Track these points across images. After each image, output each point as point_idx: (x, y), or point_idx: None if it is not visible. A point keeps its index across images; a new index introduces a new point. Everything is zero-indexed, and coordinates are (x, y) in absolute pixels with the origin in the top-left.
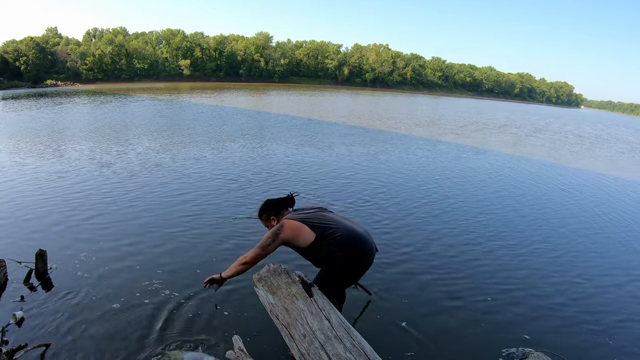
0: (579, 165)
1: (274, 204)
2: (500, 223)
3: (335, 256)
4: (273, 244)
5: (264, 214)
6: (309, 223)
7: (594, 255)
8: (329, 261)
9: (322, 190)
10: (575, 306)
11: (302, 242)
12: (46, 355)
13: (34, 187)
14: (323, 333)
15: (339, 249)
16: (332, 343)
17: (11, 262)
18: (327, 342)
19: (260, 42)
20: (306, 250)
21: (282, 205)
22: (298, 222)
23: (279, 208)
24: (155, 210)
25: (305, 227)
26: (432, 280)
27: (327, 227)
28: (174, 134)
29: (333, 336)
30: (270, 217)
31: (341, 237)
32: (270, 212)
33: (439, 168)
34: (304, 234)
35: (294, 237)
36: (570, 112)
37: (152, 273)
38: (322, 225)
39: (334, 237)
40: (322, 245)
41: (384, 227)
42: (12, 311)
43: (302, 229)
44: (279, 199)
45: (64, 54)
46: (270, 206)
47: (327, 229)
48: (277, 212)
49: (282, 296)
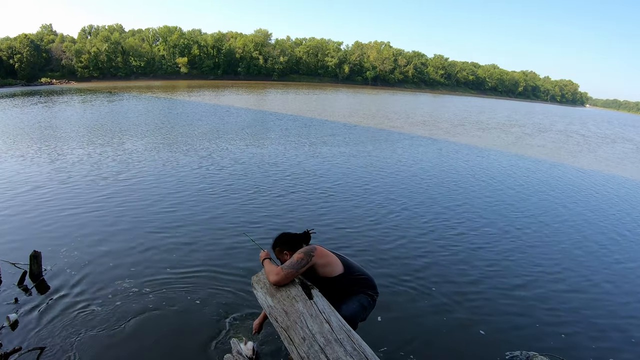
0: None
1: (289, 239)
2: (506, 226)
3: (365, 292)
4: (307, 265)
5: (278, 247)
6: (337, 255)
7: (601, 261)
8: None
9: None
10: (579, 310)
11: (331, 271)
12: (41, 359)
13: (28, 189)
14: (323, 336)
15: (367, 288)
16: (333, 346)
17: (5, 264)
18: (327, 345)
19: (259, 39)
20: (330, 282)
21: (297, 241)
22: (329, 251)
23: (294, 244)
24: (149, 212)
25: (335, 257)
26: (434, 283)
27: (352, 264)
28: (169, 134)
29: (333, 339)
30: (283, 251)
31: (367, 278)
32: (284, 246)
33: (453, 170)
34: (334, 264)
35: (325, 264)
36: (575, 111)
37: (146, 276)
38: (348, 262)
39: (361, 277)
40: (348, 280)
41: (384, 228)
42: (6, 314)
43: (333, 258)
44: (294, 235)
45: (59, 52)
46: (285, 241)
47: (353, 265)
48: (292, 248)
49: (281, 298)
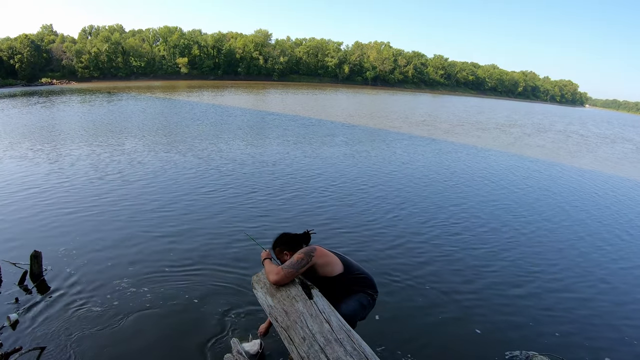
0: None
1: (289, 239)
2: (506, 227)
3: (365, 291)
4: (307, 265)
5: (278, 247)
6: (337, 255)
7: (598, 261)
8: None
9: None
10: (579, 310)
11: (331, 271)
12: (41, 359)
13: (28, 189)
14: (323, 336)
15: (366, 287)
16: (333, 346)
17: (6, 264)
18: (327, 345)
19: (259, 39)
20: (330, 281)
21: (298, 241)
22: (329, 251)
23: (294, 244)
24: (148, 212)
25: (334, 257)
26: (432, 282)
27: (352, 264)
28: (169, 134)
29: (333, 339)
30: (283, 251)
31: (367, 277)
32: (284, 247)
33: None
34: (334, 264)
35: (325, 263)
36: (575, 111)
37: (145, 275)
38: (348, 261)
39: (361, 276)
40: (347, 279)
41: (381, 227)
42: (7, 313)
43: (333, 258)
44: (295, 235)
45: (59, 52)
46: (286, 241)
47: (352, 265)
48: (292, 248)
49: (281, 298)
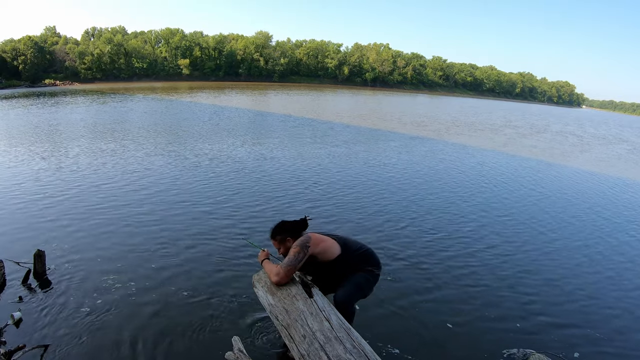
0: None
1: (291, 225)
2: (507, 226)
3: (364, 269)
4: (304, 258)
5: (279, 236)
6: (333, 236)
7: (596, 260)
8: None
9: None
10: (577, 309)
11: (330, 254)
12: (45, 357)
13: (31, 188)
14: (323, 334)
15: (367, 264)
16: (333, 344)
17: (9, 263)
18: (327, 343)
19: (259, 41)
20: (331, 265)
21: (298, 227)
22: (324, 236)
23: (296, 230)
24: (152, 212)
25: (331, 240)
26: (433, 282)
27: (349, 242)
28: (170, 135)
29: (333, 337)
30: (285, 239)
31: (366, 253)
32: (286, 234)
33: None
34: (331, 247)
35: (323, 250)
36: (572, 112)
37: (151, 274)
38: (345, 241)
39: (360, 252)
40: (347, 259)
41: (379, 225)
42: (10, 312)
43: (329, 242)
44: (295, 221)
45: (63, 53)
46: (287, 228)
47: (350, 243)
48: (294, 234)
49: (281, 297)
